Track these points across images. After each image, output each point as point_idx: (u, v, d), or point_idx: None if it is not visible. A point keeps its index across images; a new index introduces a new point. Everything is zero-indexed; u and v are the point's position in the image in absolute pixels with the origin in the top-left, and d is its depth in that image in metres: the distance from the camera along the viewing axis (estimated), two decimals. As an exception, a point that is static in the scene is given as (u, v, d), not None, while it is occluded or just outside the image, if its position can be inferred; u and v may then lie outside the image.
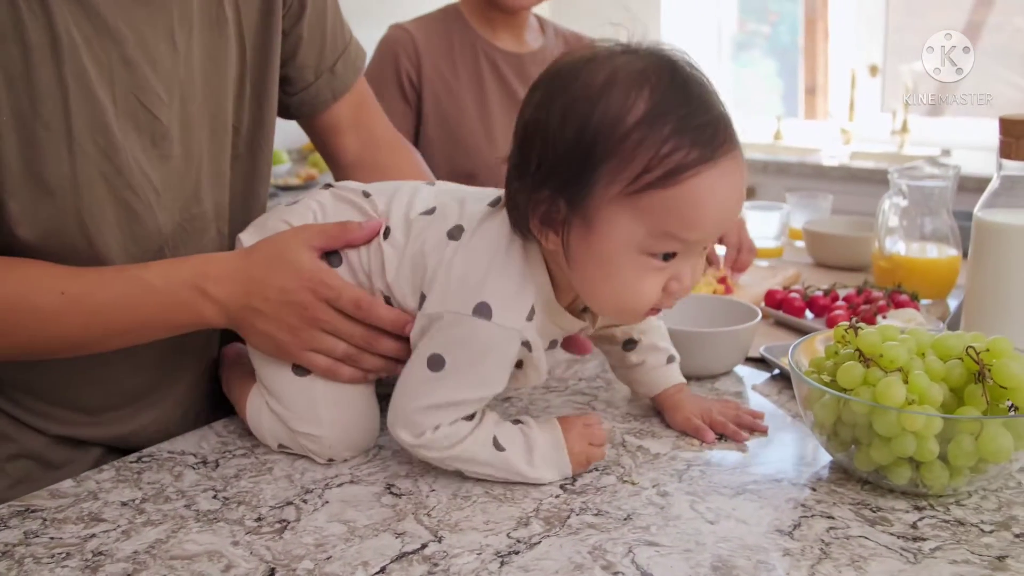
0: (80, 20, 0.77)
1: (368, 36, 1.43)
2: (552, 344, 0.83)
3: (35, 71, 0.75)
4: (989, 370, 0.75)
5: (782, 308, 1.20)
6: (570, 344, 0.88)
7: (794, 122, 3.53)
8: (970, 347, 0.77)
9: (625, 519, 0.73)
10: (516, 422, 0.80)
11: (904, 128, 3.00)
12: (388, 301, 0.80)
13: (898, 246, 1.30)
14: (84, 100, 0.77)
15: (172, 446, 0.88)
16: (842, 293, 1.23)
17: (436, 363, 0.74)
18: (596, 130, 0.67)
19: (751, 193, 3.04)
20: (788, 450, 0.85)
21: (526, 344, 0.74)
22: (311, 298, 0.78)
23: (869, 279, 1.32)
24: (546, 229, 0.72)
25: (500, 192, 0.78)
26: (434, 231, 0.78)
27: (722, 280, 1.30)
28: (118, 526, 0.74)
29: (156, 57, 0.82)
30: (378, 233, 0.80)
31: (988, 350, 0.76)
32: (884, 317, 1.12)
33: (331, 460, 0.83)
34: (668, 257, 0.71)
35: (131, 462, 0.85)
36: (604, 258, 0.70)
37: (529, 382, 0.79)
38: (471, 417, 0.77)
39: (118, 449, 0.93)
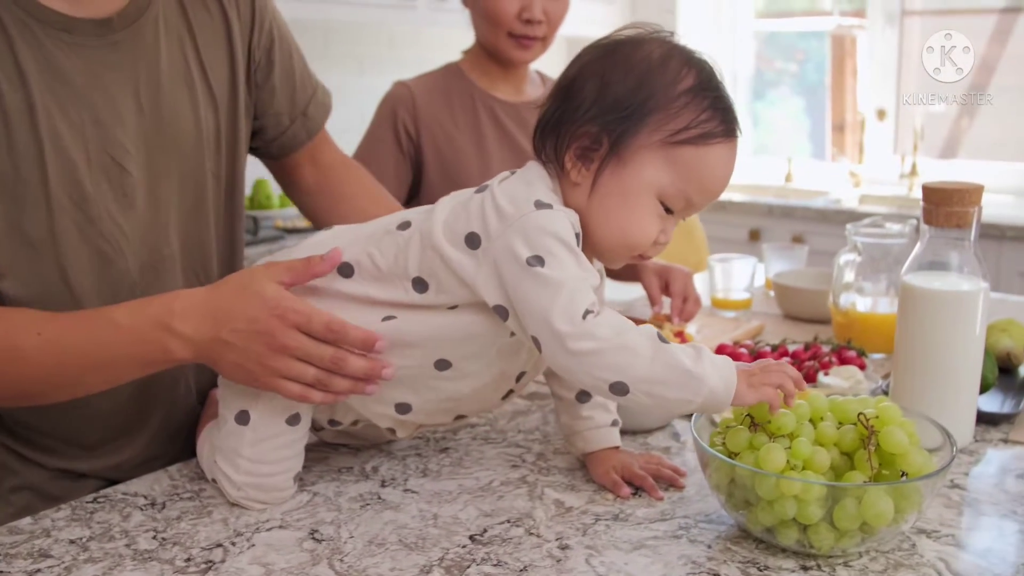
0: (54, 87, 0.88)
1: (347, 81, 1.53)
2: None
3: (14, 135, 0.85)
4: (876, 436, 0.79)
5: (731, 362, 1.23)
6: None
7: (808, 163, 3.55)
8: (861, 413, 0.81)
9: (521, 571, 0.78)
10: None
11: (913, 171, 3.00)
12: (422, 282, 0.83)
13: (853, 301, 1.33)
14: (58, 158, 0.87)
15: (127, 488, 0.95)
16: (792, 348, 1.26)
17: (536, 260, 0.78)
18: (654, 86, 0.82)
19: (756, 236, 3.06)
20: (699, 507, 0.89)
21: (577, 240, 0.82)
22: (279, 325, 0.81)
23: (820, 335, 1.35)
24: (579, 163, 0.84)
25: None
26: (463, 193, 0.87)
27: (679, 334, 1.34)
28: (62, 562, 0.80)
29: (124, 115, 0.92)
30: (338, 263, 0.86)
31: (878, 416, 0.80)
32: (826, 374, 1.16)
33: (237, 503, 0.89)
34: (668, 212, 0.85)
35: (87, 502, 0.92)
36: (628, 193, 0.83)
37: None
38: None
39: (111, 481, 1.01)
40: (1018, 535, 0.84)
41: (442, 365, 0.86)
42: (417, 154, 1.58)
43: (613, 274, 1.64)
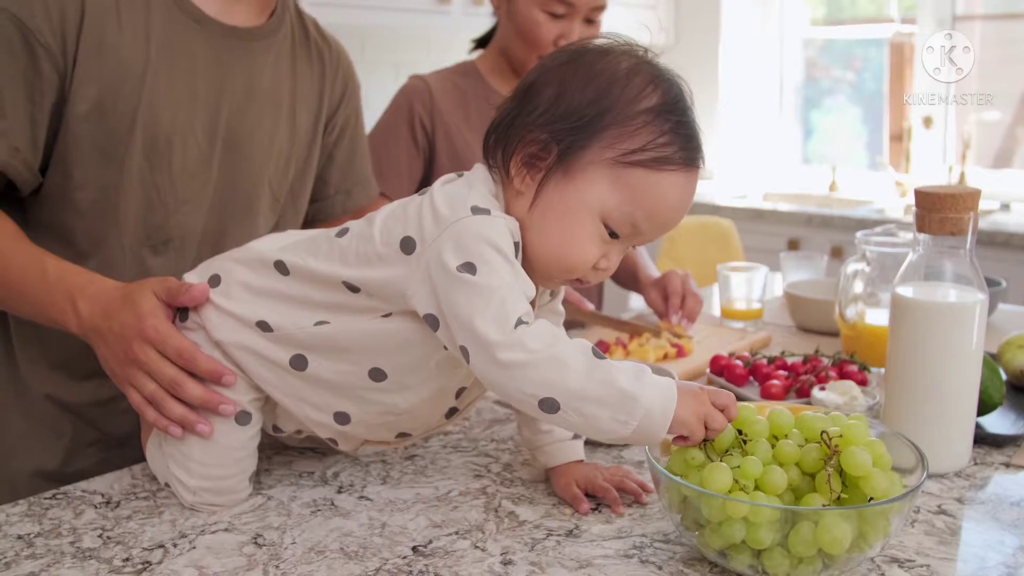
0: (171, 56, 0.99)
1: (384, 86, 1.54)
2: None
3: (122, 81, 0.96)
4: (838, 456, 0.74)
5: (724, 375, 1.18)
6: None
7: (856, 173, 3.43)
8: (824, 431, 0.75)
9: (457, 585, 0.74)
10: None
11: (961, 181, 2.88)
12: (353, 286, 0.81)
13: (861, 312, 1.26)
14: (149, 110, 0.98)
15: (88, 485, 0.94)
16: (791, 360, 1.20)
17: (467, 267, 0.74)
18: (613, 100, 0.77)
19: (795, 245, 2.97)
20: (658, 526, 0.85)
21: (516, 249, 0.78)
22: (137, 337, 0.85)
23: (822, 347, 1.29)
24: (524, 170, 0.80)
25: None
26: (401, 200, 0.85)
27: (675, 345, 1.29)
28: (4, 557, 0.80)
29: (214, 105, 1.02)
30: (201, 299, 0.86)
31: (842, 435, 0.75)
32: (822, 388, 1.10)
33: (193, 508, 0.88)
34: (613, 236, 0.79)
35: (45, 498, 0.92)
36: (569, 210, 0.78)
37: None
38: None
39: (88, 422, 1.06)
40: (1001, 567, 0.77)
41: (377, 375, 0.83)
42: (430, 149, 1.56)
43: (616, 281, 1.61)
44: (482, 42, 1.67)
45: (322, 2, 2.53)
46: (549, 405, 0.72)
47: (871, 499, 0.73)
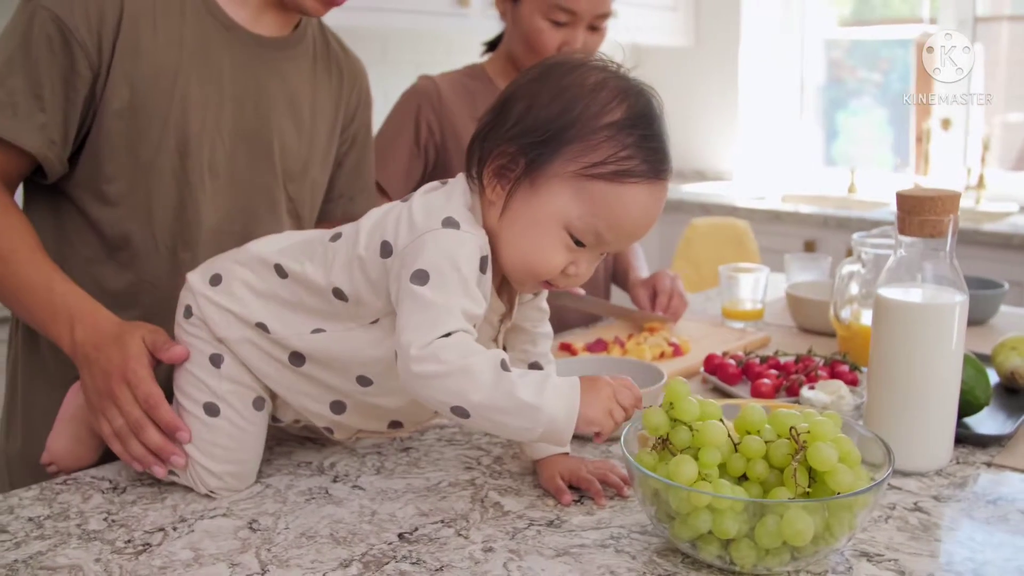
0: (201, 60, 1.04)
1: (404, 87, 1.59)
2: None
3: (153, 86, 1.02)
4: (804, 451, 0.76)
5: (717, 374, 1.20)
6: None
7: (876, 175, 3.42)
8: (792, 427, 0.78)
9: (437, 570, 0.78)
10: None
11: (980, 183, 2.86)
12: (341, 293, 0.86)
13: (856, 312, 1.28)
14: (181, 114, 1.03)
15: (97, 472, 0.99)
16: (784, 360, 1.22)
17: (420, 277, 0.79)
18: (577, 115, 0.81)
19: (812, 247, 2.97)
20: (637, 518, 0.88)
21: (483, 263, 0.82)
22: (117, 375, 0.91)
23: (816, 347, 1.31)
24: (495, 180, 0.84)
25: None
26: (387, 206, 0.89)
27: (672, 344, 1.31)
28: (15, 538, 0.85)
29: (238, 109, 1.08)
30: (180, 359, 0.92)
31: (809, 431, 0.77)
32: (811, 387, 1.12)
33: (211, 493, 0.92)
34: (579, 244, 0.82)
35: (57, 483, 0.96)
36: (535, 220, 0.82)
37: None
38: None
39: None
40: (967, 563, 0.79)
41: (364, 381, 0.88)
42: (437, 151, 1.59)
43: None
44: (493, 45, 1.69)
45: (345, 7, 2.58)
46: (460, 412, 0.78)
47: (837, 493, 0.76)
